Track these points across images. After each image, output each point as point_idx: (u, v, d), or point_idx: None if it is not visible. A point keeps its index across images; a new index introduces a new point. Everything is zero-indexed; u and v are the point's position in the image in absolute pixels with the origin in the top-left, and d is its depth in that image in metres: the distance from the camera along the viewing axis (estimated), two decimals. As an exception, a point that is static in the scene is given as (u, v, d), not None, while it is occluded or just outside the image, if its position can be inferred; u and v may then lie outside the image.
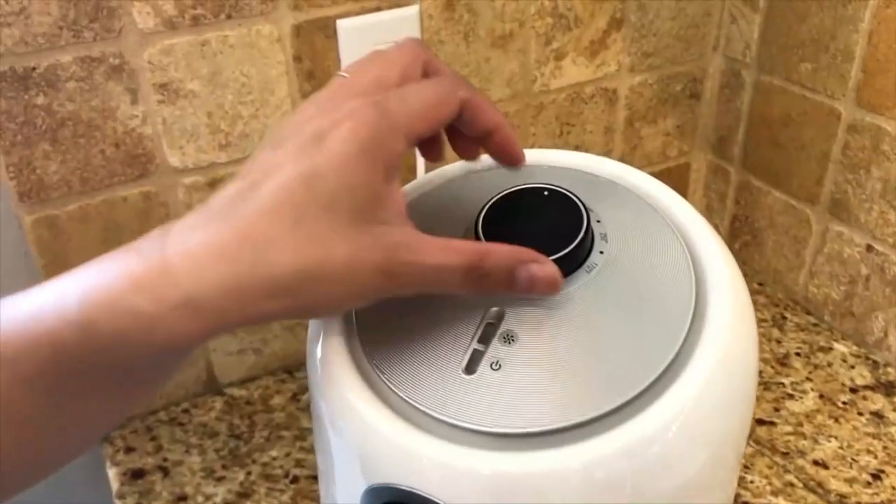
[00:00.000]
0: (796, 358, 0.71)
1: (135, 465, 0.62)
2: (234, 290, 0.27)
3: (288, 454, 0.62)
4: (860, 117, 0.65)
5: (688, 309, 0.31)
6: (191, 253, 0.27)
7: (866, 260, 0.69)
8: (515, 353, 0.30)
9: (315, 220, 0.28)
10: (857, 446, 0.62)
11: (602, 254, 0.33)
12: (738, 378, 0.31)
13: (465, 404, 0.29)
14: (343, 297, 0.29)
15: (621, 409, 0.29)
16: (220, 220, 0.28)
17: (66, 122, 0.53)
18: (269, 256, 0.27)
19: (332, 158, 0.28)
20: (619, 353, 0.30)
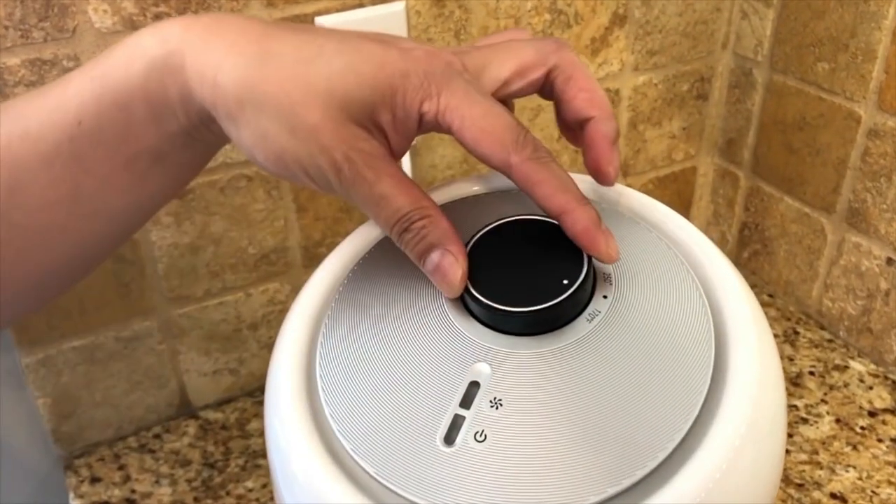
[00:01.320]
0: (810, 378, 0.66)
1: (100, 498, 0.58)
2: (216, 70, 0.29)
3: (265, 486, 0.58)
4: (882, 121, 0.61)
5: (707, 364, 0.26)
6: (208, 37, 0.30)
7: (886, 273, 0.64)
8: (504, 421, 0.26)
9: (320, 75, 0.28)
10: (877, 477, 0.58)
11: (605, 298, 0.28)
12: (767, 442, 0.27)
13: (443, 483, 0.25)
14: (286, 152, 0.29)
15: (631, 490, 0.24)
16: (251, 22, 0.30)
17: (15, 131, 0.48)
18: (264, 66, 0.29)
19: (374, 54, 0.29)
20: (627, 421, 0.25)
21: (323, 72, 0.28)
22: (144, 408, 0.62)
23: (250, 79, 0.29)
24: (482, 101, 0.29)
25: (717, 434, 0.25)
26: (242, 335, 0.63)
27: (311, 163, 0.29)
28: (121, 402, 0.61)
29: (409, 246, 0.29)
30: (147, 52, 0.30)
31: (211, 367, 0.63)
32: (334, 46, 0.29)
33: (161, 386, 0.62)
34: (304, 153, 0.29)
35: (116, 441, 0.62)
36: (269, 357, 0.64)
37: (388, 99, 0.29)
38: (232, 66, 0.29)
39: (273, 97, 0.28)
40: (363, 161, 0.28)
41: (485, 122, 0.29)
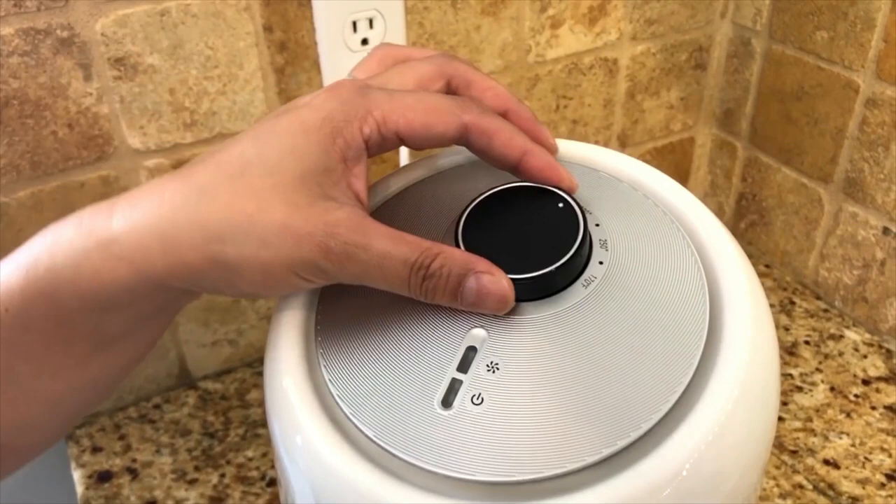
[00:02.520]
0: (805, 347, 0.67)
1: (101, 467, 0.58)
2: (157, 231, 0.27)
3: (264, 454, 0.59)
4: (880, 90, 0.61)
5: (701, 329, 0.27)
6: (133, 201, 0.28)
7: (882, 243, 0.64)
8: (500, 384, 0.26)
9: (259, 176, 0.27)
10: (870, 444, 0.58)
11: (601, 264, 0.28)
12: (759, 406, 0.27)
13: (441, 445, 0.25)
14: (270, 266, 0.27)
15: (626, 450, 0.25)
16: (173, 178, 0.28)
17: (10, 102, 0.48)
18: (201, 201, 0.27)
19: (291, 124, 0.28)
20: (622, 384, 0.26)
21: (260, 172, 0.27)
22: (144, 378, 0.62)
23: (196, 221, 0.27)
24: (408, 94, 0.29)
25: (710, 398, 0.25)
26: (241, 306, 0.63)
27: (299, 260, 0.27)
28: (121, 373, 0.61)
29: (439, 289, 0.27)
30: (72, 244, 0.28)
31: (210, 337, 0.63)
32: (251, 145, 0.28)
33: (161, 356, 0.62)
34: (286, 256, 0.27)
35: (116, 411, 0.62)
36: (267, 328, 0.64)
37: (331, 150, 0.28)
38: (169, 220, 0.27)
39: (227, 224, 0.27)
40: (347, 230, 0.27)
41: (424, 105, 0.29)
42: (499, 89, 0.32)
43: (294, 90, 0.56)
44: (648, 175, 0.32)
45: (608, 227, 0.29)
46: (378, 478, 0.25)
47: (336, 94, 0.29)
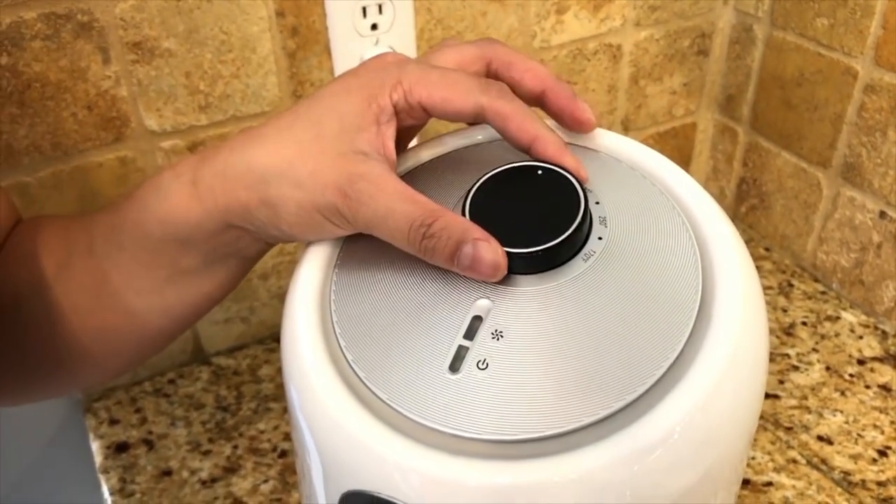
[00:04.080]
0: (802, 328, 0.68)
1: (119, 438, 0.60)
2: (220, 172, 0.32)
3: (276, 427, 0.61)
4: (878, 76, 0.62)
5: (694, 302, 0.28)
6: (219, 148, 0.33)
7: (879, 227, 0.66)
8: (504, 350, 0.28)
9: (303, 128, 0.31)
10: (863, 421, 0.60)
11: (601, 240, 0.30)
12: (748, 375, 0.29)
13: (449, 407, 0.27)
14: (302, 206, 0.31)
15: (621, 412, 0.26)
16: (242, 133, 0.33)
17: (32, 84, 0.50)
18: (254, 147, 0.32)
19: (336, 87, 0.32)
20: (618, 351, 0.27)
21: (304, 125, 0.31)
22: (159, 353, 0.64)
23: (247, 164, 0.31)
24: (436, 69, 0.32)
25: (701, 365, 0.27)
26: (253, 284, 0.65)
27: (323, 203, 0.30)
28: (137, 349, 0.63)
29: (437, 250, 0.29)
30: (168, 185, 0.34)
31: (223, 315, 0.65)
32: (304, 103, 0.32)
33: (175, 333, 0.64)
34: (315, 198, 0.30)
35: (132, 385, 0.64)
36: (279, 306, 0.66)
37: (367, 112, 0.31)
38: (230, 163, 0.32)
39: (271, 167, 0.31)
40: (364, 180, 0.30)
41: (446, 81, 0.31)
42: (538, 70, 0.34)
43: (305, 74, 0.57)
44: (647, 156, 0.33)
45: (608, 204, 0.31)
46: (390, 437, 0.27)
47: (378, 64, 0.33)
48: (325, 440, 0.29)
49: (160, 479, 0.57)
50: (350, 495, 0.28)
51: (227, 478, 0.57)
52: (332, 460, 0.29)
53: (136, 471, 0.58)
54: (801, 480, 0.56)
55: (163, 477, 0.57)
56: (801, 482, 0.56)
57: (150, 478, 0.57)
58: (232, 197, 0.32)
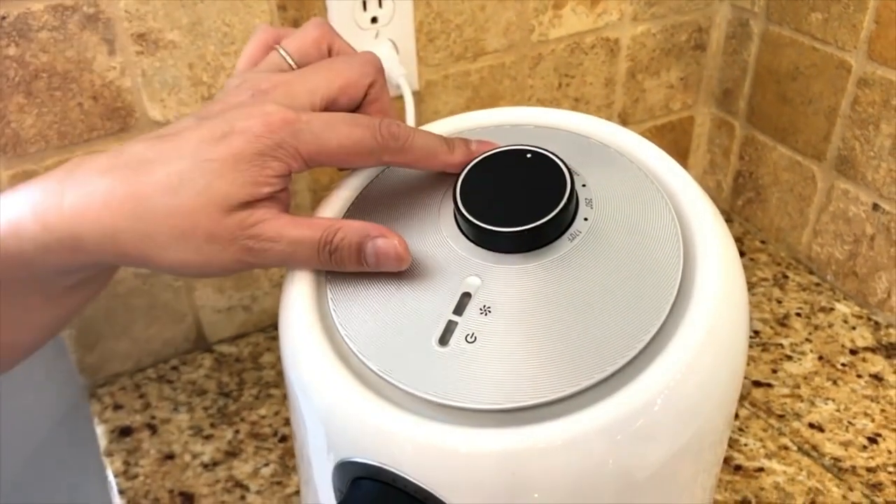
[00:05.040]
0: (796, 318, 0.69)
1: (122, 423, 0.62)
2: (109, 236, 0.31)
3: (277, 413, 0.62)
4: (871, 70, 0.63)
5: (675, 279, 0.29)
6: (86, 197, 0.31)
7: (872, 219, 0.67)
8: (492, 325, 0.29)
9: (194, 196, 0.31)
10: (854, 409, 0.61)
11: (586, 220, 0.31)
12: (726, 351, 0.30)
13: (439, 378, 0.28)
14: (203, 266, 0.32)
15: (603, 383, 0.27)
16: (120, 169, 0.32)
17: (40, 74, 0.51)
18: (145, 216, 0.31)
19: (226, 154, 0.31)
20: (601, 325, 0.29)
21: (194, 192, 0.31)
22: (162, 341, 0.66)
23: (140, 231, 0.31)
24: (326, 134, 0.32)
25: (680, 340, 0.28)
26: (254, 274, 0.66)
27: (227, 260, 0.31)
28: (140, 336, 0.64)
29: (344, 257, 0.31)
30: (36, 237, 0.32)
31: (225, 303, 0.66)
32: (189, 166, 0.31)
33: (178, 321, 0.65)
34: (216, 258, 0.31)
35: (136, 372, 0.66)
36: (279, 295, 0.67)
37: (259, 177, 0.31)
38: (120, 228, 0.31)
39: (166, 237, 0.31)
40: (260, 233, 0.31)
41: (344, 142, 0.32)
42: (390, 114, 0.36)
43: (306, 66, 0.58)
44: (635, 142, 0.34)
45: (594, 187, 0.32)
46: (382, 407, 0.28)
47: (267, 123, 0.31)
48: (319, 411, 0.30)
49: (163, 463, 0.58)
50: (344, 465, 0.29)
51: (229, 461, 0.58)
52: (327, 431, 0.30)
53: (140, 454, 0.59)
54: (792, 466, 0.57)
55: (166, 460, 0.59)
56: (791, 468, 0.57)
57: (153, 461, 0.59)
58: (124, 255, 0.32)
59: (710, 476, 0.35)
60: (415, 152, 0.33)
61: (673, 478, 0.31)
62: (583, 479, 0.28)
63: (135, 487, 0.57)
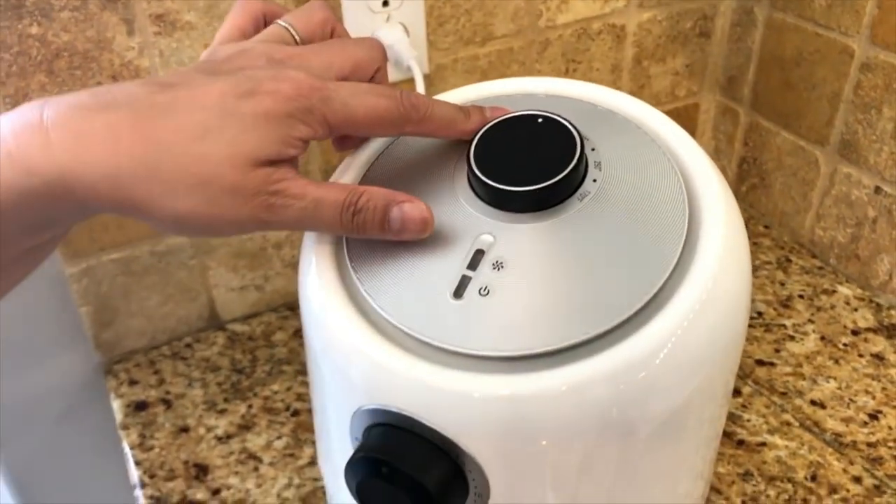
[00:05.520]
0: (799, 300, 0.70)
1: (138, 398, 0.63)
2: (112, 177, 0.29)
3: (289, 388, 0.63)
4: (874, 55, 0.64)
5: (680, 237, 0.31)
6: (81, 137, 0.28)
7: (874, 202, 0.68)
8: (504, 279, 0.30)
9: (217, 145, 0.29)
10: (855, 387, 0.62)
11: (595, 182, 0.32)
12: (728, 308, 0.31)
13: (453, 328, 0.29)
14: (215, 220, 0.30)
15: (608, 334, 0.29)
16: (120, 109, 0.29)
17: (61, 53, 0.53)
18: (162, 160, 0.29)
19: (255, 110, 0.30)
20: (608, 280, 0.30)
21: (219, 143, 0.29)
22: (176, 319, 0.67)
23: (156, 178, 0.29)
24: (353, 102, 0.32)
25: (684, 293, 0.29)
26: (267, 254, 0.67)
27: (246, 217, 0.30)
28: (155, 313, 0.66)
29: (368, 221, 0.31)
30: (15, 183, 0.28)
31: (238, 282, 0.68)
32: (215, 115, 0.30)
33: (192, 299, 0.67)
34: (232, 214, 0.30)
35: (151, 349, 0.67)
36: (292, 275, 0.68)
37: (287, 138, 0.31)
38: (129, 171, 0.29)
39: (184, 185, 0.29)
40: (284, 188, 0.30)
41: (370, 112, 0.32)
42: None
43: (319, 48, 0.60)
44: (643, 110, 0.36)
45: (603, 151, 0.33)
46: (399, 355, 0.29)
47: (297, 87, 0.31)
48: (339, 362, 0.31)
49: (178, 435, 0.60)
50: (362, 412, 0.30)
51: (242, 434, 0.60)
52: (346, 381, 0.31)
53: (155, 427, 0.60)
54: (794, 441, 0.58)
55: (180, 433, 0.60)
56: (793, 443, 0.58)
57: (168, 434, 0.60)
58: (126, 201, 0.29)
59: (709, 449, 0.36)
60: (434, 122, 0.33)
61: (673, 437, 0.32)
62: (586, 426, 0.29)
63: (150, 459, 0.58)
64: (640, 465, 0.32)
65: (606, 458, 0.31)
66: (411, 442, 0.29)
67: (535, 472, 0.30)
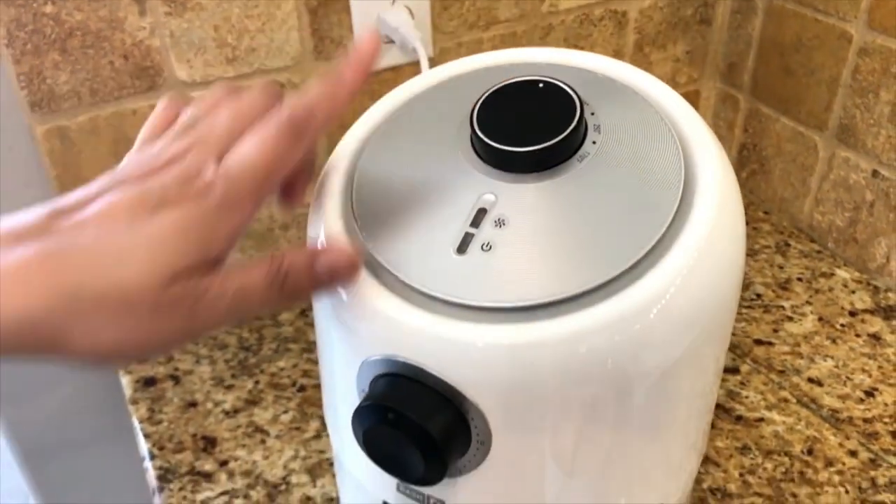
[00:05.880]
0: (798, 283, 0.72)
1: (147, 374, 0.64)
2: (27, 322, 0.27)
3: (295, 365, 0.64)
4: (871, 39, 0.65)
5: (676, 197, 0.32)
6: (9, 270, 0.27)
7: (871, 185, 0.69)
8: (506, 236, 0.31)
9: (131, 267, 0.28)
10: (852, 365, 0.63)
11: (594, 144, 0.33)
12: (722, 266, 0.32)
13: (457, 282, 0.30)
14: (142, 342, 0.29)
15: (604, 286, 0.30)
16: (34, 243, 0.28)
17: (74, 32, 0.54)
18: (78, 295, 0.27)
19: (161, 226, 0.28)
20: (605, 236, 0.31)
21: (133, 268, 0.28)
22: (185, 299, 0.68)
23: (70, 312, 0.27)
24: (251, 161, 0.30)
25: (679, 249, 0.30)
26: (274, 234, 0.69)
27: (175, 333, 0.29)
28: (164, 292, 0.67)
29: (300, 281, 0.30)
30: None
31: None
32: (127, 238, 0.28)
33: (200, 278, 0.68)
34: (161, 335, 0.29)
35: (160, 328, 0.68)
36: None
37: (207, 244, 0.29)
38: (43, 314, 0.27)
39: (99, 313, 0.28)
40: (204, 291, 0.29)
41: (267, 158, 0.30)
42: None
43: (326, 31, 0.61)
44: (639, 76, 0.37)
45: (602, 115, 0.34)
46: (406, 308, 0.30)
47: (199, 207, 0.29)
48: (346, 315, 0.32)
49: (186, 410, 0.61)
50: (369, 363, 0.32)
51: (249, 409, 0.61)
52: (354, 334, 0.32)
53: (164, 402, 0.62)
54: (791, 417, 0.59)
55: (189, 408, 0.61)
56: (790, 418, 0.59)
57: (176, 408, 0.61)
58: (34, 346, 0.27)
59: (702, 413, 0.37)
60: (318, 108, 0.31)
61: (667, 397, 0.33)
62: (582, 376, 0.30)
63: (159, 432, 0.59)
64: (635, 422, 0.33)
65: (602, 411, 0.32)
66: (416, 390, 0.30)
67: (535, 421, 0.31)
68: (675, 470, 0.38)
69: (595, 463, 0.33)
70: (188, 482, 0.56)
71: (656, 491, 0.37)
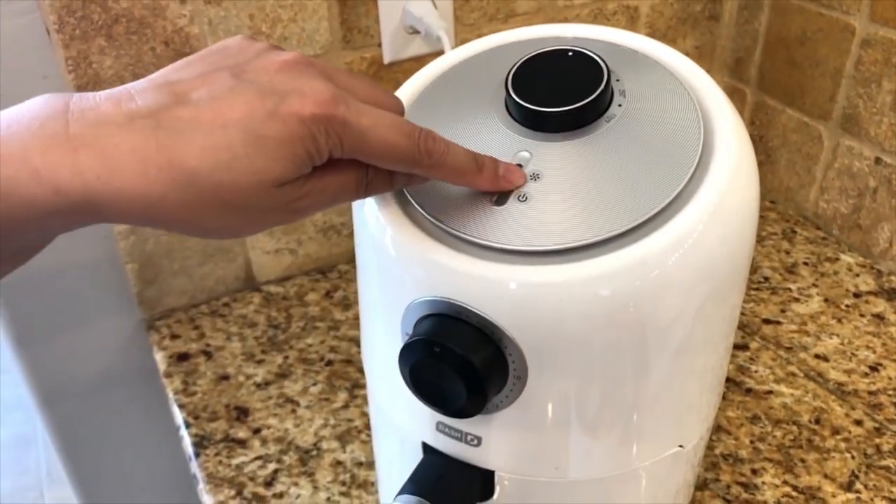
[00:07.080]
0: (804, 267, 0.74)
1: (180, 350, 0.67)
2: (141, 207, 0.28)
3: (322, 342, 0.67)
4: (873, 31, 0.68)
5: (695, 154, 0.34)
6: (110, 159, 0.28)
7: (875, 172, 0.71)
8: (540, 188, 0.34)
9: (244, 174, 0.29)
10: (857, 343, 0.66)
11: (620, 106, 0.36)
12: (737, 219, 0.35)
13: (497, 229, 0.33)
14: (240, 228, 0.31)
15: (627, 234, 0.32)
16: (145, 128, 0.28)
17: (119, 19, 0.57)
18: (187, 193, 0.29)
19: (277, 137, 0.29)
20: (630, 189, 0.34)
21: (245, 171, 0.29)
22: (215, 279, 0.71)
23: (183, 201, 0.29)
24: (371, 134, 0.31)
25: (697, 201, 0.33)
26: (300, 218, 0.71)
27: (274, 223, 0.31)
28: (195, 273, 0.70)
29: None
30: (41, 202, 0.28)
31: (273, 245, 0.72)
32: (240, 134, 0.29)
33: (230, 260, 0.71)
34: (260, 225, 0.31)
35: (190, 308, 0.71)
36: (324, 240, 0.72)
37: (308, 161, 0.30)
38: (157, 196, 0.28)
39: (209, 206, 0.29)
40: (308, 192, 0.31)
41: (384, 148, 0.31)
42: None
43: (354, 21, 0.64)
44: (660, 48, 0.40)
45: (627, 81, 0.37)
46: (449, 252, 0.33)
47: (320, 102, 0.30)
48: (392, 263, 0.35)
49: (219, 382, 0.64)
50: (416, 305, 0.34)
51: (280, 382, 0.64)
52: (399, 277, 0.35)
53: (197, 375, 0.64)
54: (799, 389, 0.61)
55: (221, 380, 0.64)
56: (798, 391, 0.61)
57: (209, 381, 0.64)
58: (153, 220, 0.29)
59: (714, 370, 0.40)
60: (445, 169, 0.33)
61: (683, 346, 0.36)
62: (605, 316, 0.33)
63: (193, 402, 0.62)
64: (655, 366, 0.36)
65: (624, 353, 0.34)
66: (459, 327, 0.33)
67: (567, 358, 0.34)
68: (695, 412, 0.41)
69: (621, 402, 0.36)
70: (223, 448, 0.58)
71: (678, 431, 0.40)
